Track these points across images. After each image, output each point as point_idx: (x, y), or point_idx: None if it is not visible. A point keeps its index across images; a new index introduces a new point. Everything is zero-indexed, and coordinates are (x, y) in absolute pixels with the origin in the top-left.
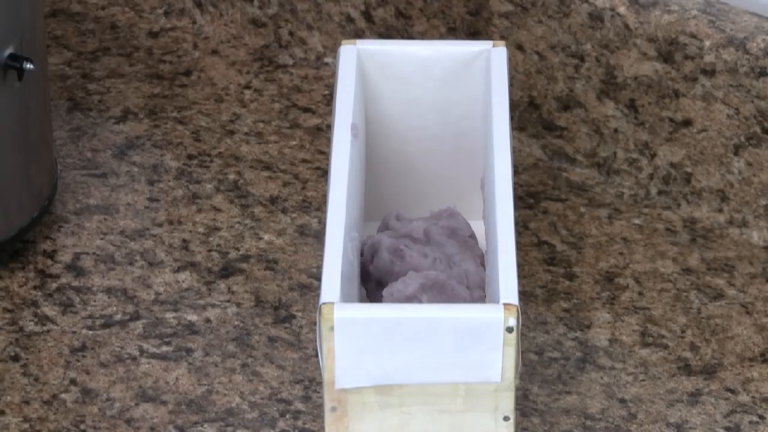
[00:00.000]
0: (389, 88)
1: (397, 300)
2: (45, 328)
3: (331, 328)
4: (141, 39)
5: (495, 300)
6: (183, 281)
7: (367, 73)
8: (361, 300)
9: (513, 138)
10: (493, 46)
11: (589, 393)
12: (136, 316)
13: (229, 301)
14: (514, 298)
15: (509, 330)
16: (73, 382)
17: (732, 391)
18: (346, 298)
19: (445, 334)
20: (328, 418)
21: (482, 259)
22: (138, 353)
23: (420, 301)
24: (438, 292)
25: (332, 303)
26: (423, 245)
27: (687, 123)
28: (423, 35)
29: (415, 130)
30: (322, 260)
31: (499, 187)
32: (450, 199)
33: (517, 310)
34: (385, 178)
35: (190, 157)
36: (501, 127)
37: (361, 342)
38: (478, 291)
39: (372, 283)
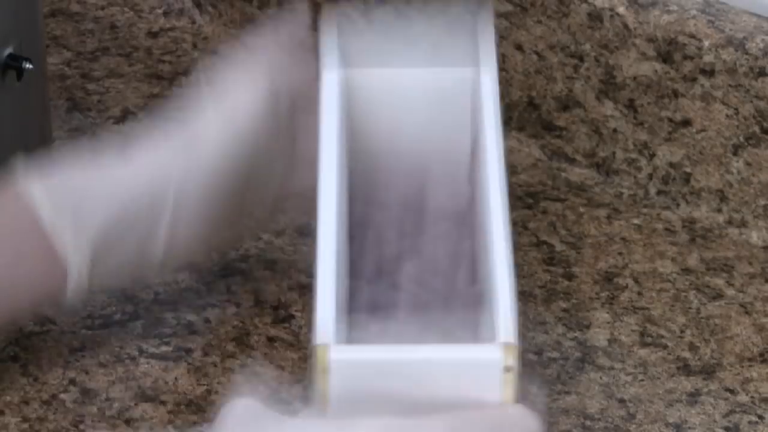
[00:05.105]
0: (375, 114)
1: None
2: (44, 328)
3: (325, 371)
4: (140, 39)
5: (491, 335)
6: (182, 281)
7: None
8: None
9: (512, 138)
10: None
11: (588, 393)
12: (135, 316)
13: (228, 301)
14: (512, 337)
15: (507, 369)
16: (72, 382)
17: (731, 391)
18: (340, 336)
19: (442, 374)
20: None
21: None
22: (137, 353)
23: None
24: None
25: (327, 345)
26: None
27: (686, 123)
28: None
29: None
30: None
31: (494, 214)
32: None
33: (516, 350)
34: None
35: None
36: (493, 153)
37: (356, 383)
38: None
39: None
